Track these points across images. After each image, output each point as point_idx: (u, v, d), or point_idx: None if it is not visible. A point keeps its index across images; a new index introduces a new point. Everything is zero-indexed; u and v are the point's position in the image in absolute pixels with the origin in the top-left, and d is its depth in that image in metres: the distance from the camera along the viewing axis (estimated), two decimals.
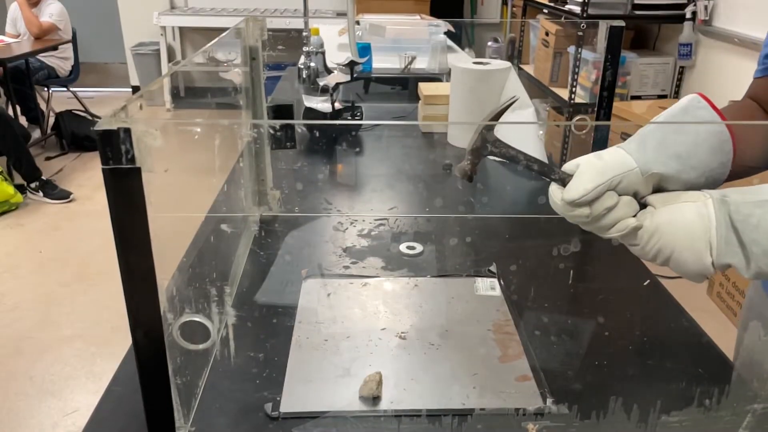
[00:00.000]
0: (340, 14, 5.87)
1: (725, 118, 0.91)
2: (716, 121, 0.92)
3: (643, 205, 0.84)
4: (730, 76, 3.42)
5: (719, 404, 0.79)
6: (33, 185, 4.15)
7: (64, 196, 4.15)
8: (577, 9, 3.75)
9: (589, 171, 0.83)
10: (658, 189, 0.84)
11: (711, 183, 0.86)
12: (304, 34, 2.35)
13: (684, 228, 0.81)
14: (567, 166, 0.87)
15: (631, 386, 0.84)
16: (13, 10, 5.23)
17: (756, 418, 0.76)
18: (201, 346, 0.75)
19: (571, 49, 3.96)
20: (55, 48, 4.94)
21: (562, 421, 0.78)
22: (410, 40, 3.00)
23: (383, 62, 2.76)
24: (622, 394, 0.79)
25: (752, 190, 0.81)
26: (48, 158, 4.82)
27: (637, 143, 0.86)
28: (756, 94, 1.07)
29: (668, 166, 0.84)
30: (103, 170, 0.54)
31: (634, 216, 0.82)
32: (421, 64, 2.80)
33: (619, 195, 0.82)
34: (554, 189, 0.86)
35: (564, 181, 0.84)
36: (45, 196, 4.13)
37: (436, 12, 5.13)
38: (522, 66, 4.75)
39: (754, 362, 0.91)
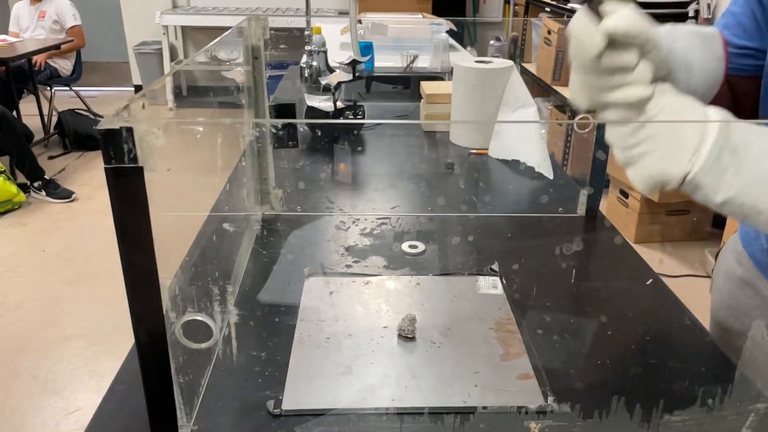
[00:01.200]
0: (342, 13, 5.86)
1: (727, 61, 0.92)
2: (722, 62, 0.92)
3: None
4: None
5: (722, 404, 0.79)
6: (36, 184, 4.16)
7: (67, 195, 4.15)
8: (579, 7, 3.74)
9: (634, 13, 0.74)
10: None
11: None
12: (306, 33, 2.35)
13: (682, 125, 0.75)
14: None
15: (633, 385, 0.84)
16: (17, 9, 5.23)
17: (759, 418, 0.76)
18: (203, 345, 0.75)
19: None
20: (58, 47, 4.94)
21: (564, 419, 0.78)
22: (412, 39, 2.99)
23: (385, 61, 2.76)
24: (624, 393, 0.79)
25: (760, 126, 0.75)
26: (51, 157, 4.82)
27: (666, 34, 0.82)
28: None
29: (681, 69, 0.83)
30: (106, 169, 0.54)
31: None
32: (423, 62, 2.80)
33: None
34: (582, 16, 0.78)
35: (599, 10, 0.74)
36: (48, 195, 4.14)
37: (438, 11, 5.13)
38: (524, 65, 4.74)
39: (758, 362, 0.90)
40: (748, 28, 0.96)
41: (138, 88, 6.48)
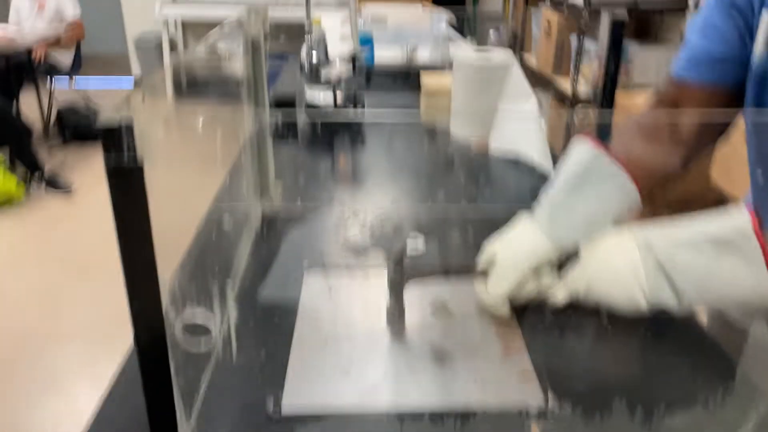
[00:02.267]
0: (342, 4, 5.84)
1: (622, 159, 0.93)
2: (626, 178, 0.92)
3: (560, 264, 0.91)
4: None
5: (723, 404, 0.78)
6: (35, 177, 4.15)
7: (66, 187, 4.14)
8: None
9: (503, 269, 0.90)
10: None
11: (618, 223, 0.92)
12: (306, 24, 2.34)
13: (615, 280, 0.86)
14: (484, 255, 0.93)
15: (634, 385, 0.84)
16: (16, 1, 5.21)
17: (760, 417, 0.76)
18: (203, 344, 0.74)
19: (573, 39, 3.94)
20: (58, 40, 4.92)
21: (564, 420, 0.78)
22: (412, 31, 2.98)
23: (385, 53, 2.75)
24: (624, 393, 0.79)
25: (672, 230, 0.87)
26: (50, 149, 4.81)
27: (548, 217, 0.91)
28: (676, 97, 1.06)
29: (579, 233, 0.89)
30: (106, 164, 0.54)
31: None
32: (423, 54, 2.79)
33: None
34: (480, 290, 0.94)
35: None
36: (47, 186, 4.13)
37: (438, 1, 5.11)
38: (524, 56, 4.73)
39: (759, 361, 0.91)
40: (729, 38, 0.97)
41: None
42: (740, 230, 0.81)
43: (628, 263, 0.85)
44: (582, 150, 0.95)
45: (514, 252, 0.90)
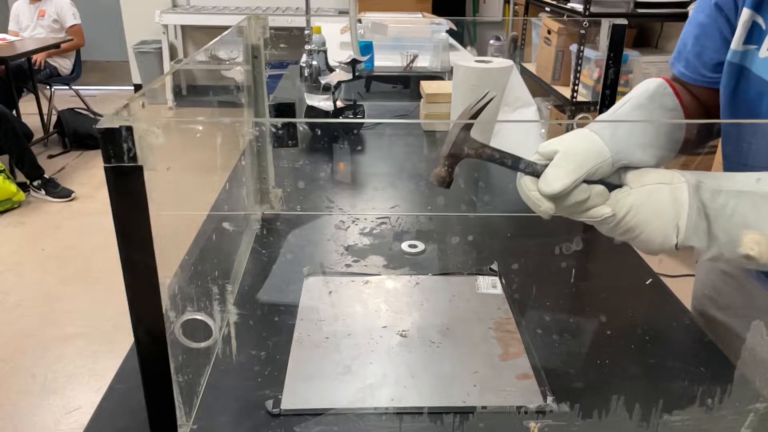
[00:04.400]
0: (342, 12, 5.86)
1: (684, 104, 0.96)
2: (678, 110, 0.96)
3: (611, 186, 0.85)
4: None
5: (721, 403, 0.79)
6: (35, 183, 4.16)
7: (66, 194, 4.15)
8: (579, 7, 3.74)
9: (566, 163, 0.83)
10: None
11: (664, 162, 0.89)
12: (306, 32, 2.35)
13: (657, 211, 0.82)
14: (542, 149, 0.86)
15: (632, 385, 0.84)
16: (16, 8, 5.23)
17: (758, 418, 0.76)
18: (203, 344, 0.75)
19: (574, 47, 3.95)
20: (58, 47, 4.94)
21: (563, 419, 0.78)
22: (412, 39, 2.99)
23: (385, 61, 2.76)
24: (623, 393, 0.79)
25: (726, 176, 0.83)
26: (50, 156, 4.82)
27: (611, 131, 0.87)
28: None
29: (634, 156, 0.86)
30: (105, 168, 0.54)
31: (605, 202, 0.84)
32: (423, 62, 2.80)
33: (590, 183, 0.83)
34: (528, 181, 0.86)
35: (537, 172, 0.83)
36: (47, 194, 4.14)
37: (438, 10, 5.13)
38: (524, 64, 4.74)
39: (757, 361, 0.91)
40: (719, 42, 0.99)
41: (138, 88, 6.47)
42: None
43: (674, 200, 0.82)
44: (650, 81, 0.97)
45: (578, 151, 0.84)
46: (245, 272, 1.12)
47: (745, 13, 0.94)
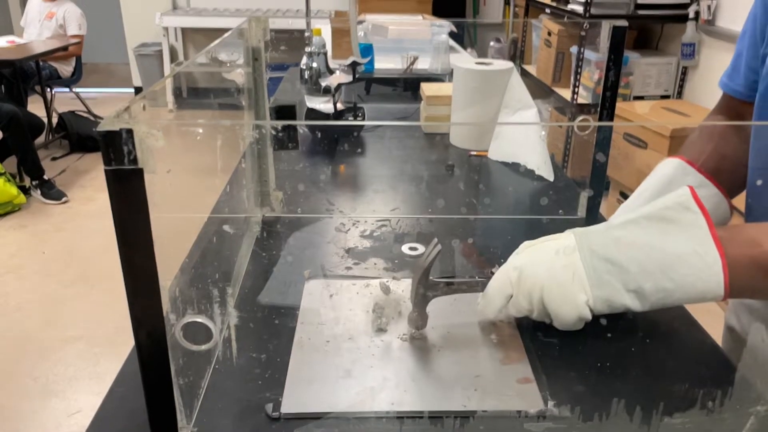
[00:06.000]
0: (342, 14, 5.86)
1: (709, 177, 0.95)
2: (706, 185, 0.95)
3: None
4: None
5: (722, 406, 0.79)
6: (34, 183, 4.17)
7: (58, 197, 4.17)
8: (579, 9, 3.75)
9: (485, 302, 0.93)
10: None
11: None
12: (306, 34, 2.35)
13: (547, 264, 0.84)
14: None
15: (633, 388, 0.84)
16: (30, 3, 5.24)
17: (759, 421, 0.76)
18: (203, 347, 0.75)
19: (574, 49, 3.95)
20: (65, 49, 4.95)
21: (563, 423, 0.78)
22: (412, 41, 3.00)
23: (385, 63, 2.77)
24: (624, 396, 0.79)
25: (608, 222, 0.85)
26: (54, 158, 4.83)
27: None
28: (735, 112, 1.05)
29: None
30: (106, 171, 0.54)
31: None
32: (424, 64, 2.80)
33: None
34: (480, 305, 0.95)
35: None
36: (42, 195, 4.15)
37: (439, 12, 5.13)
38: (524, 66, 4.75)
39: (758, 364, 0.90)
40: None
41: (138, 90, 6.48)
42: (678, 203, 0.78)
43: (560, 249, 0.82)
44: (666, 164, 0.95)
45: (492, 292, 0.93)
46: (246, 275, 1.12)
47: None
